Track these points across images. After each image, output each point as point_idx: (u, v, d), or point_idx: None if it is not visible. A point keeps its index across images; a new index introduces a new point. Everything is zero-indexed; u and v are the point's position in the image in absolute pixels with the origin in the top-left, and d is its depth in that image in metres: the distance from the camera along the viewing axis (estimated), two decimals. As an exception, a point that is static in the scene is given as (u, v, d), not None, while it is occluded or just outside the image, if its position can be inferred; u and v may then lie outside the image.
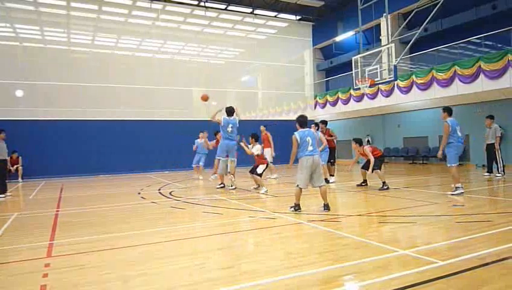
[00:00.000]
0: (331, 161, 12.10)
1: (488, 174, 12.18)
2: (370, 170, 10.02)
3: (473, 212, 6.56)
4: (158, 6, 20.65)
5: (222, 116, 10.46)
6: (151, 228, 6.08)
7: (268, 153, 13.07)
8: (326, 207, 6.93)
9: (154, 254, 4.55)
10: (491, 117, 12.21)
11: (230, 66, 26.51)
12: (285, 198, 9.07)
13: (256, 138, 10.82)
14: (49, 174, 16.90)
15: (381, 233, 5.36)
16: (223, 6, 21.98)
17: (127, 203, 9.13)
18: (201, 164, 14.32)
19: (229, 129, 10.23)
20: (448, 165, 8.62)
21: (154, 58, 22.69)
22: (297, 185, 6.92)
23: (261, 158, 10.48)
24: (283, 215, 6.76)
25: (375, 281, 3.37)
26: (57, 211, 8.13)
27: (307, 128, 7.07)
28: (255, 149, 10.62)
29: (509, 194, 8.81)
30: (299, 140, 6.88)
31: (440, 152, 8.67)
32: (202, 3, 21.52)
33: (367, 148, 10.16)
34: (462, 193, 8.41)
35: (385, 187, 9.80)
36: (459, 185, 8.47)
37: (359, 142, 10.37)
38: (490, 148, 12.11)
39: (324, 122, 12.22)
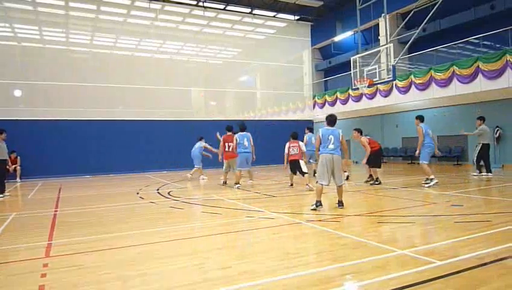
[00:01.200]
0: None
1: (486, 174, 12.21)
2: (364, 160, 10.83)
3: (472, 212, 6.58)
4: (157, 6, 20.64)
5: (236, 135, 11.17)
6: (150, 228, 6.08)
7: None
8: (340, 204, 7.15)
9: (153, 254, 4.55)
10: (480, 118, 12.30)
11: (229, 66, 26.53)
12: (284, 198, 9.08)
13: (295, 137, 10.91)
14: (47, 174, 16.87)
15: (380, 233, 5.37)
16: (222, 6, 21.97)
17: (125, 203, 9.12)
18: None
19: (246, 143, 10.94)
20: (420, 162, 10.24)
21: (153, 58, 22.69)
22: (317, 182, 7.09)
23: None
24: (282, 215, 6.77)
25: (373, 281, 3.38)
26: (56, 211, 8.12)
27: (333, 127, 7.16)
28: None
29: (507, 194, 8.83)
30: (321, 136, 7.08)
31: (418, 151, 10.19)
32: (201, 3, 21.51)
33: (364, 139, 10.95)
34: (437, 182, 9.91)
35: (377, 183, 10.72)
36: (432, 177, 9.98)
37: (359, 131, 11.24)
38: (485, 148, 12.14)
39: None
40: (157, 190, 11.48)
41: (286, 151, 10.65)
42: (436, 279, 3.36)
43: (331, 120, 7.23)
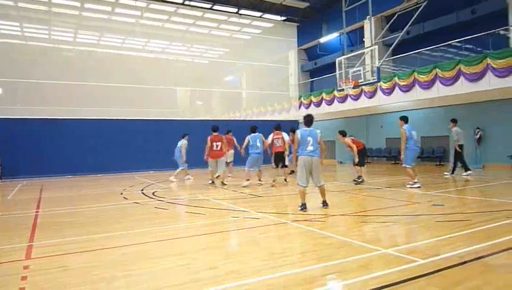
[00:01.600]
0: None
1: (466, 174, 12.48)
2: (356, 160, 11.10)
3: (452, 211, 6.72)
4: (142, 4, 20.45)
5: (248, 136, 11.40)
6: (135, 228, 6.02)
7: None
8: (325, 204, 7.18)
9: (139, 255, 4.51)
10: (453, 121, 12.69)
11: (215, 65, 26.44)
12: (269, 198, 9.11)
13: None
14: (29, 174, 16.51)
15: (364, 232, 5.44)
16: (208, 6, 21.88)
17: (109, 204, 9.01)
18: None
19: (258, 144, 11.20)
20: (403, 165, 10.00)
21: (138, 56, 22.43)
22: (297, 184, 7.08)
23: None
24: (267, 215, 6.79)
25: (357, 280, 3.43)
26: (37, 211, 7.97)
27: (311, 128, 7.13)
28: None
29: (487, 193, 9.05)
30: (299, 138, 7.02)
31: (402, 155, 9.85)
32: (187, 2, 21.37)
33: (348, 140, 11.26)
34: (419, 187, 9.70)
35: (359, 180, 11.03)
36: (415, 180, 9.85)
37: (343, 133, 11.51)
38: (460, 149, 12.53)
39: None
40: (142, 190, 11.37)
41: (269, 141, 11.14)
42: (419, 277, 3.43)
43: (308, 120, 7.19)
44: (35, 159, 16.72)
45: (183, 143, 13.85)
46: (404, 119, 10.03)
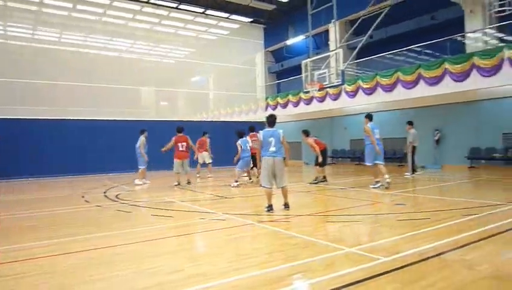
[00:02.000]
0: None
1: (420, 172, 13.04)
2: (319, 159, 11.35)
3: (413, 210, 6.95)
4: (105, 1, 19.83)
5: (239, 141, 11.64)
6: (96, 232, 5.81)
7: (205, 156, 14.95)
8: (286, 206, 7.15)
9: (99, 260, 4.35)
10: (410, 123, 13.22)
11: (181, 65, 26.10)
12: (236, 199, 9.08)
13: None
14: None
15: (329, 232, 5.53)
16: (174, 5, 21.56)
17: (70, 207, 8.66)
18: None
19: (248, 148, 11.59)
20: (366, 163, 10.25)
21: (100, 55, 21.72)
22: (261, 185, 7.06)
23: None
24: (234, 216, 6.75)
25: (323, 278, 3.46)
26: (-9, 216, 7.54)
27: (273, 129, 7.08)
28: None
29: (445, 193, 9.44)
30: (261, 139, 7.00)
31: (377, 149, 9.81)
32: (152, 1, 20.95)
33: (310, 140, 11.52)
34: (382, 185, 9.91)
35: (316, 181, 11.51)
36: (378, 179, 10.05)
37: (306, 132, 11.75)
38: (415, 150, 13.10)
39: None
40: (105, 192, 11.02)
41: (251, 144, 11.43)
42: (381, 275, 3.51)
43: (271, 121, 7.16)
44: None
45: (140, 140, 12.73)
46: (369, 117, 10.27)
